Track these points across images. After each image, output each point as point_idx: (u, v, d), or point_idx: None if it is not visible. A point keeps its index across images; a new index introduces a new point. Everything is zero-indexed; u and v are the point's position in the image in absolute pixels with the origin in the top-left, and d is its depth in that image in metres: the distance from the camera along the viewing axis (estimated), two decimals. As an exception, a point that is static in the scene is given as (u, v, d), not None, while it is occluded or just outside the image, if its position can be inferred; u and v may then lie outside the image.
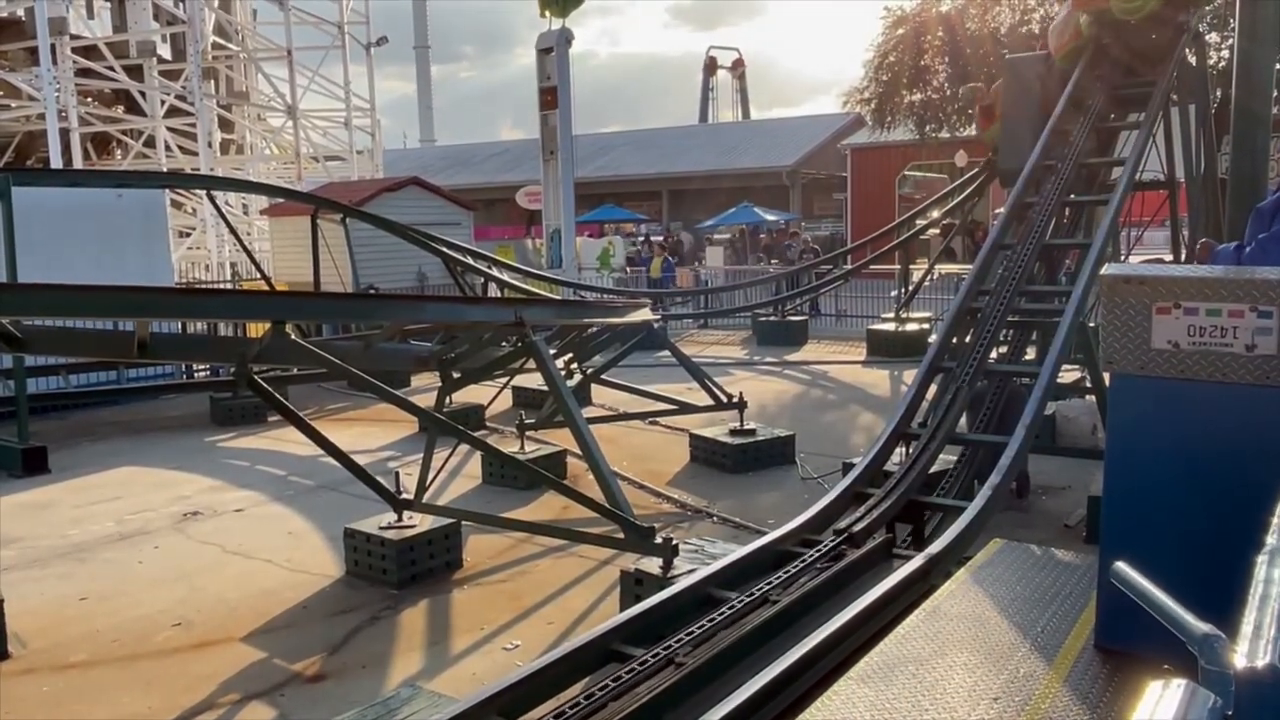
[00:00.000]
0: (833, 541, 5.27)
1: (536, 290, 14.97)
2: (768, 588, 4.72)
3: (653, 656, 4.01)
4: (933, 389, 7.03)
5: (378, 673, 5.14)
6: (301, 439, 8.22)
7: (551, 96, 20.40)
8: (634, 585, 5.49)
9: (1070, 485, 7.90)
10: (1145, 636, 2.26)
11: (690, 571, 5.18)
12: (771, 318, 17.86)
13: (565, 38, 20.23)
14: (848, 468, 6.83)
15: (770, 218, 33.42)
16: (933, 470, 6.24)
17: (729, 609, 4.48)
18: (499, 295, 13.88)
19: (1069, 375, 9.33)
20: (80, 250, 12.50)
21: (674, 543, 5.53)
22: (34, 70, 20.60)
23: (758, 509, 7.73)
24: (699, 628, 4.26)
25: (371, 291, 14.70)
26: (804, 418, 10.84)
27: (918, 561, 4.82)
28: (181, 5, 23.55)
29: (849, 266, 18.34)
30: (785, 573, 4.91)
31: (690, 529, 7.20)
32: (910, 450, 6.36)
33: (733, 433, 9.11)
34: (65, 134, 20.93)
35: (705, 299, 20.60)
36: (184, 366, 13.86)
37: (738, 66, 60.10)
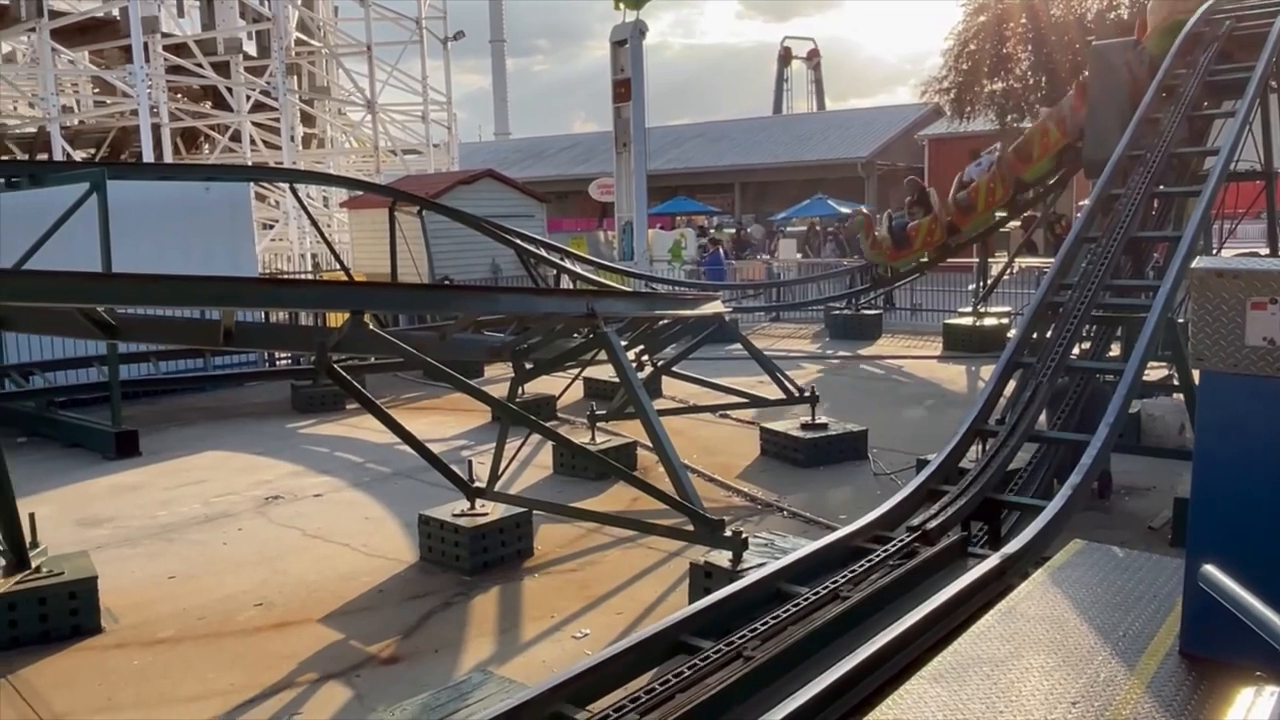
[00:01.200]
0: (905, 538, 5.19)
1: (608, 282, 15.02)
2: (838, 584, 4.67)
3: (721, 649, 4.01)
4: (1011, 385, 6.87)
5: (450, 657, 5.23)
6: (378, 427, 8.40)
7: (625, 89, 20.43)
8: (703, 578, 5.49)
9: (1155, 486, 7.66)
10: (1234, 643, 2.18)
11: (760, 565, 5.16)
12: (845, 311, 17.64)
13: (639, 30, 20.24)
14: (922, 464, 6.72)
15: (844, 210, 32.99)
16: (1010, 468, 6.10)
17: (798, 604, 4.45)
18: (571, 287, 13.97)
19: (1155, 372, 9.04)
20: (170, 241, 12.94)
21: (744, 536, 5.51)
22: (128, 68, 21.32)
23: (828, 504, 7.66)
24: (768, 622, 4.24)
25: (447, 283, 14.94)
26: (877, 413, 10.68)
27: (993, 561, 4.72)
28: (267, 3, 24.17)
29: (925, 259, 17.99)
30: (856, 569, 4.86)
31: (760, 523, 7.16)
32: (987, 447, 6.22)
33: (804, 427, 9.03)
34: (156, 129, 21.63)
35: (777, 292, 20.43)
36: (266, 355, 14.25)
37: (813, 57, 59.42)
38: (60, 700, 4.82)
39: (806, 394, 9.28)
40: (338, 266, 14.71)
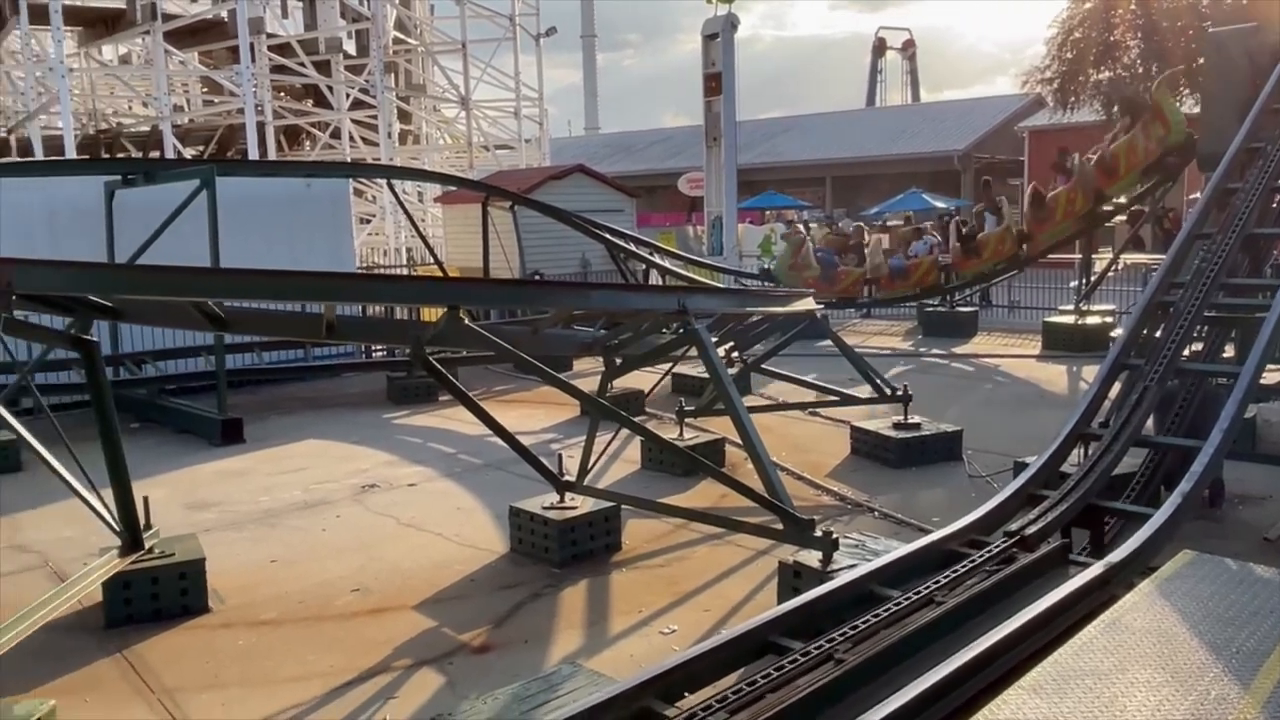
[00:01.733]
0: (1003, 543, 5.07)
1: (698, 278, 14.98)
2: (933, 588, 4.59)
3: (812, 651, 3.97)
4: (1116, 387, 6.63)
5: (539, 648, 5.29)
6: (469, 418, 8.53)
7: (716, 83, 20.31)
8: (792, 578, 5.44)
9: (1271, 495, 7.30)
10: (1365, 667, 2.06)
11: (851, 567, 5.09)
12: (939, 308, 17.26)
13: (731, 23, 20.09)
14: (1020, 467, 6.54)
15: (940, 204, 32.27)
16: (1115, 473, 5.89)
17: (891, 607, 4.38)
18: (660, 282, 13.99)
19: (1272, 376, 8.60)
20: (274, 236, 13.40)
21: (834, 536, 5.44)
22: (235, 68, 22.14)
23: (921, 506, 7.51)
24: (859, 625, 4.19)
25: (537, 277, 15.12)
26: (972, 413, 10.43)
27: (1096, 569, 4.58)
28: (366, 3, 24.81)
29: (1024, 254, 17.47)
30: (951, 573, 4.76)
31: (850, 523, 7.06)
32: (1090, 451, 6.02)
33: (896, 426, 8.87)
34: (261, 127, 22.41)
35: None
36: (362, 347, 14.64)
37: (908, 47, 58.22)
38: (170, 675, 5.04)
39: (899, 392, 9.11)
40: (432, 260, 15.01)
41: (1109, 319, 14.79)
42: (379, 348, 14.51)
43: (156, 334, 12.32)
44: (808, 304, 8.13)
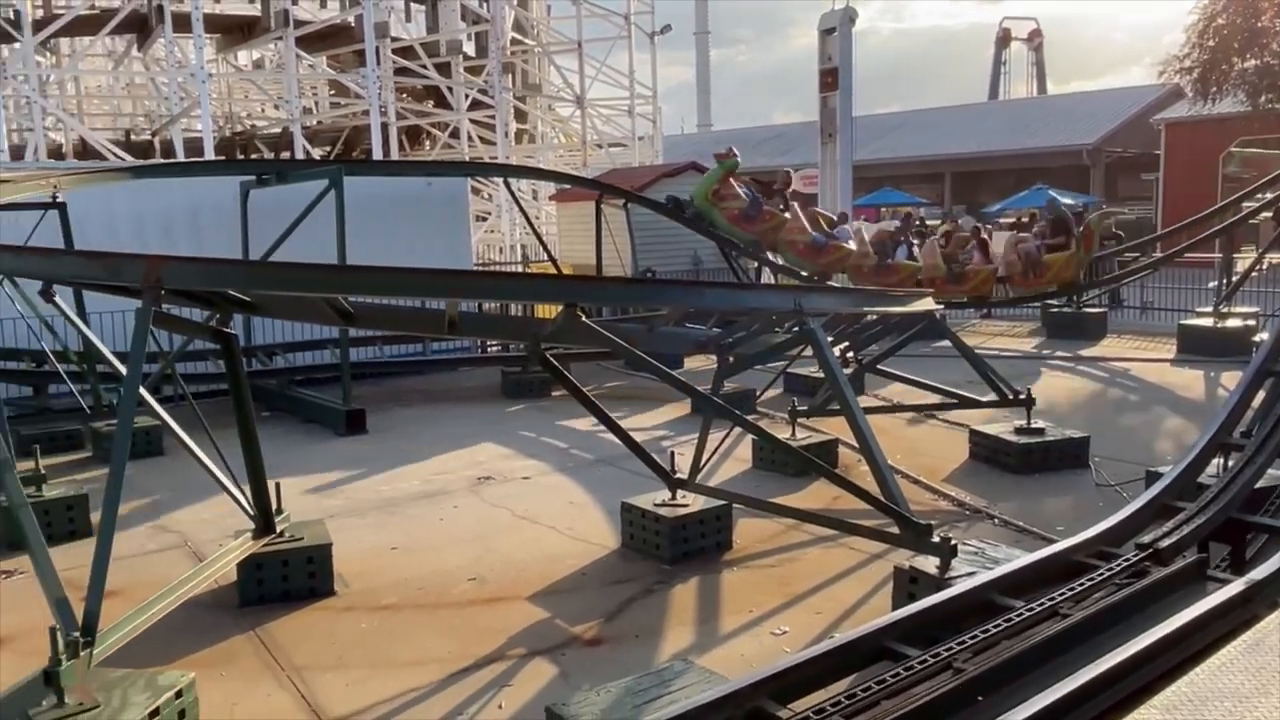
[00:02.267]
0: (1134, 556, 4.85)
1: (810, 276, 14.80)
2: (1057, 600, 4.43)
3: (929, 659, 3.88)
4: (1261, 395, 6.27)
5: (650, 643, 5.33)
6: (582, 414, 8.66)
7: (832, 78, 20.06)
8: (907, 583, 5.33)
9: None
10: None
11: (970, 574, 4.96)
12: (1065, 308, 16.60)
13: (849, 17, 19.80)
14: (1153, 477, 6.24)
15: (1067, 201, 31.02)
16: (1258, 486, 5.57)
17: (1013, 618, 4.25)
18: (773, 281, 13.89)
19: None
20: (396, 233, 13.84)
21: (952, 542, 5.31)
22: (361, 71, 22.93)
23: (1044, 514, 7.25)
24: (979, 635, 4.07)
25: (649, 274, 15.19)
26: (1100, 419, 10.01)
27: (1237, 586, 4.33)
28: (486, 5, 25.35)
29: (1159, 254, 16.66)
30: (1078, 585, 4.59)
31: (968, 530, 6.88)
32: (1230, 462, 5.71)
33: (1018, 431, 8.58)
34: (384, 127, 23.16)
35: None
36: (478, 342, 14.97)
37: (1034, 38, 56.23)
38: (299, 654, 5.27)
39: (1021, 396, 8.81)
40: (546, 258, 15.26)
41: (1252, 322, 13.95)
42: (494, 343, 14.83)
43: (285, 327, 12.88)
44: (926, 304, 7.93)
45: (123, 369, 5.36)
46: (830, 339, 7.28)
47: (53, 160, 19.69)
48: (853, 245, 14.54)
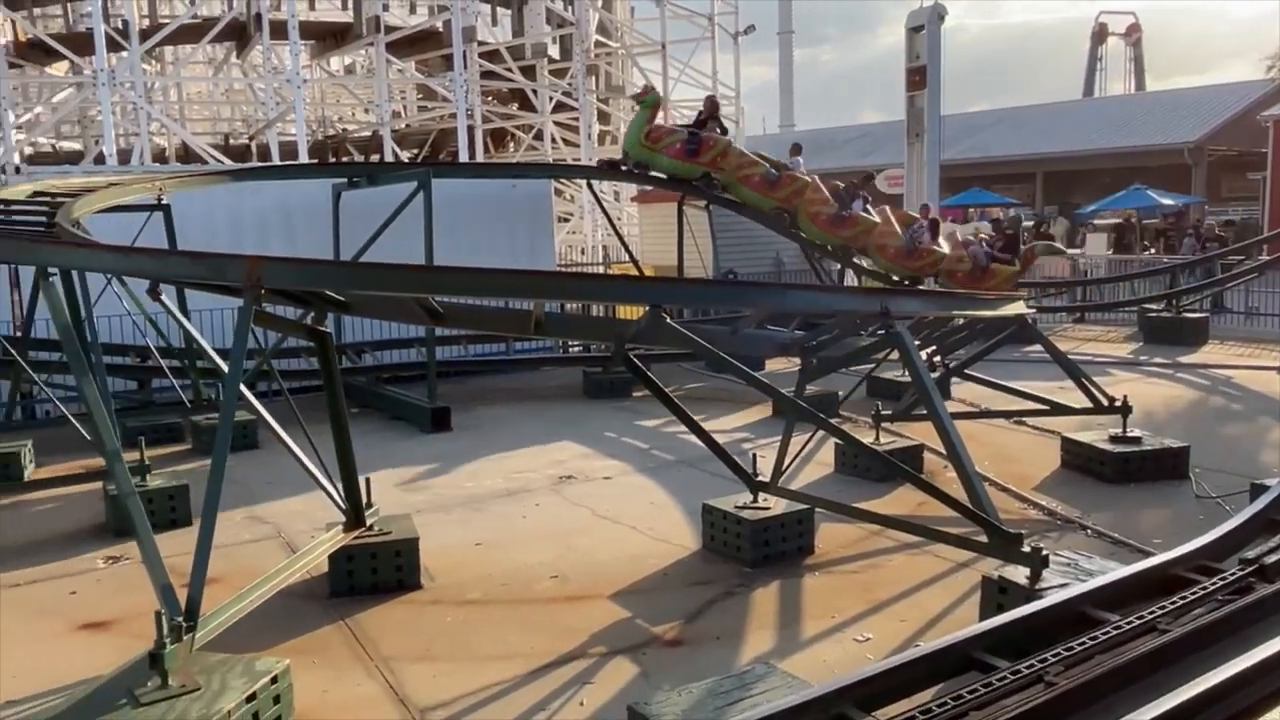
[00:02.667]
0: (1238, 572, 4.67)
1: (895, 278, 14.54)
2: (1155, 615, 4.29)
3: (1020, 671, 3.79)
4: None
5: (731, 645, 5.31)
6: (663, 414, 8.68)
7: (920, 76, 19.70)
8: (996, 593, 5.21)
9: None
10: None
11: (1062, 586, 4.83)
12: (1163, 313, 16.01)
13: (938, 14, 19.43)
14: (1259, 490, 5.99)
15: (1166, 201, 29.92)
16: (1375, 501, 5.30)
17: (1108, 632, 4.12)
18: (856, 283, 13.70)
19: None
20: (481, 234, 14.08)
21: (1043, 553, 5.17)
22: (448, 75, 23.35)
23: (1140, 526, 7.00)
24: (1073, 648, 3.96)
25: (730, 276, 15.15)
26: (1200, 428, 9.63)
27: (1351, 607, 4.13)
28: (571, 8, 25.58)
29: (1265, 257, 15.95)
30: (1176, 601, 4.43)
31: (1059, 540, 6.68)
32: (1344, 475, 5.44)
33: (1113, 439, 8.31)
34: (470, 130, 23.55)
35: (1083, 291, 18.92)
36: (560, 342, 15.12)
37: (1132, 32, 54.36)
38: (387, 645, 5.40)
39: (1117, 403, 8.53)
40: (627, 259, 15.33)
41: (1366, 328, 13.27)
42: (575, 343, 14.95)
43: (373, 326, 13.20)
44: (1017, 307, 7.74)
45: (224, 365, 5.56)
46: (916, 342, 7.16)
47: (157, 164, 20.53)
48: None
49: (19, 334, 9.59)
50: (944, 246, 13.55)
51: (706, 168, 13.46)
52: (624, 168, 13.95)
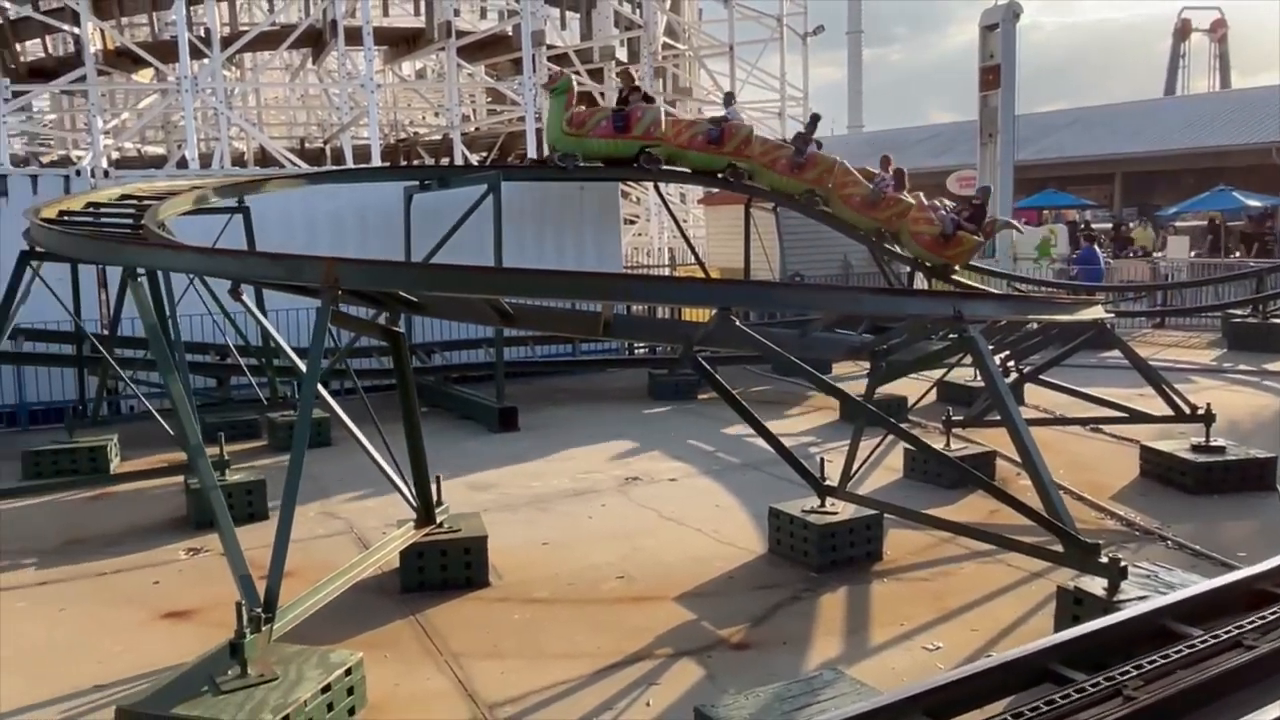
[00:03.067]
0: (1331, 588, 4.48)
1: (966, 282, 14.30)
2: (1242, 630, 4.14)
3: (1098, 683, 3.70)
4: None
5: (797, 650, 5.28)
6: (729, 417, 8.63)
7: (993, 75, 19.34)
8: (1072, 604, 5.10)
9: None
10: None
11: (1141, 598, 4.70)
12: (1249, 319, 15.46)
13: (1013, 12, 19.05)
14: (1352, 503, 5.75)
15: (1254, 202, 28.85)
16: None
17: (1190, 647, 3.99)
18: (926, 286, 13.50)
19: None
20: (549, 237, 14.21)
21: (1121, 563, 5.04)
22: (517, 79, 23.59)
23: (1224, 538, 6.78)
24: (1154, 661, 3.85)
25: (797, 278, 15.04)
26: (1288, 438, 9.28)
27: None
28: (639, 11, 25.65)
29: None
30: (1265, 616, 4.27)
31: (1138, 551, 6.50)
32: None
33: (1195, 448, 8.05)
34: (539, 133, 23.76)
35: (1164, 295, 18.36)
36: (625, 344, 15.17)
37: (1217, 29, 52.63)
38: (456, 641, 5.48)
39: (1199, 411, 8.27)
40: (693, 261, 15.31)
41: None
42: (641, 345, 14.99)
43: (441, 326, 13.39)
44: (1095, 312, 7.55)
45: (301, 364, 5.70)
46: (990, 347, 7.03)
47: (236, 167, 21.12)
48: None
49: (106, 332, 9.94)
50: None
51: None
52: (556, 162, 12.90)
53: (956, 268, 13.19)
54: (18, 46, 22.42)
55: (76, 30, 18.57)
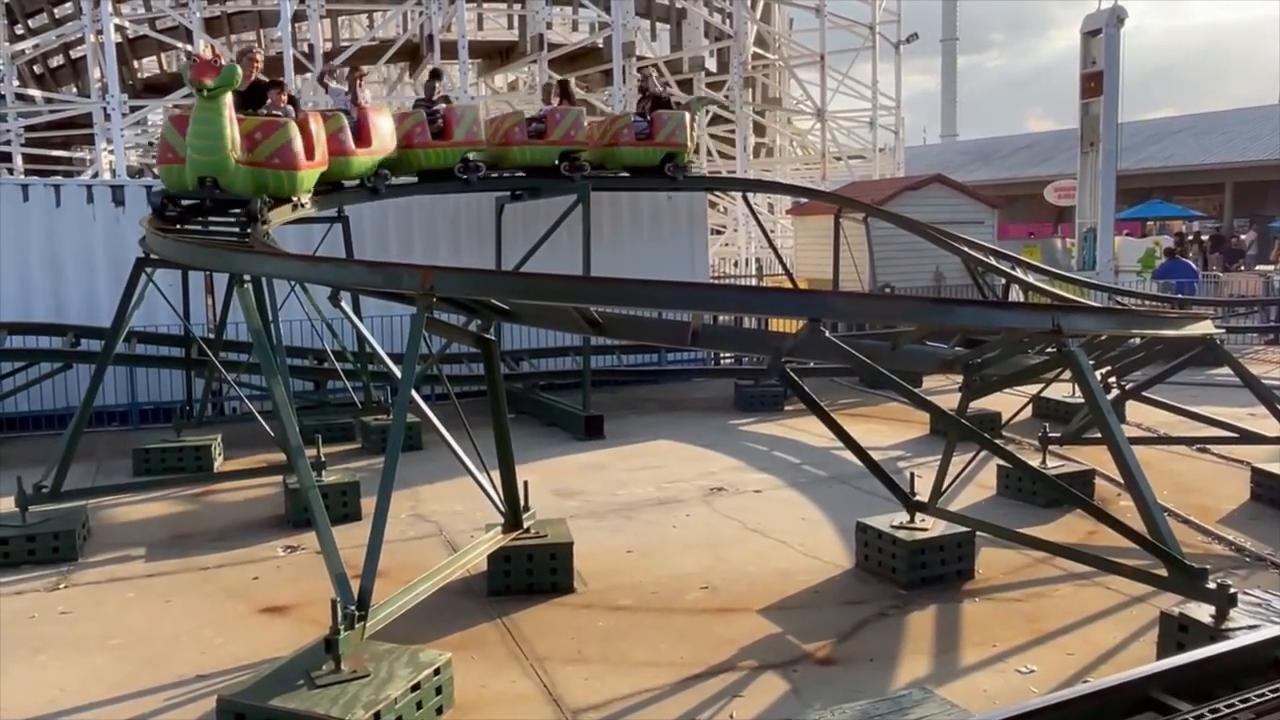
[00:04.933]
0: None
1: (1066, 295, 13.89)
2: (1363, 664, 3.92)
3: (1205, 714, 3.54)
4: None
5: (885, 668, 5.18)
6: (815, 429, 8.56)
7: (1095, 83, 18.77)
8: (1176, 631, 4.89)
9: None
10: None
11: (1253, 628, 4.48)
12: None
13: (1117, 16, 18.46)
14: None
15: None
16: None
17: (1308, 680, 3.79)
18: (1021, 299, 13.14)
19: None
20: (637, 246, 14.27)
21: (1231, 590, 4.81)
22: (607, 90, 23.83)
23: (1343, 567, 6.42)
24: (1265, 694, 3.67)
25: (888, 290, 14.80)
26: None
27: None
28: (729, 21, 25.64)
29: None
30: (1389, 651, 4.03)
31: (1248, 578, 6.21)
32: None
33: (1311, 471, 7.66)
34: (627, 143, 23.93)
35: (1278, 310, 17.52)
36: (711, 354, 15.12)
37: (1337, 31, 50.00)
38: (541, 645, 5.53)
39: (1316, 433, 7.86)
40: (781, 271, 15.20)
41: None
42: (727, 356, 14.93)
43: (529, 333, 13.57)
44: (1204, 327, 7.24)
45: (397, 370, 5.84)
46: (1090, 362, 6.81)
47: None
48: None
49: (213, 336, 10.36)
50: None
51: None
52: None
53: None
54: (135, 63, 23.54)
55: (190, 48, 19.40)
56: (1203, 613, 4.85)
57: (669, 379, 14.71)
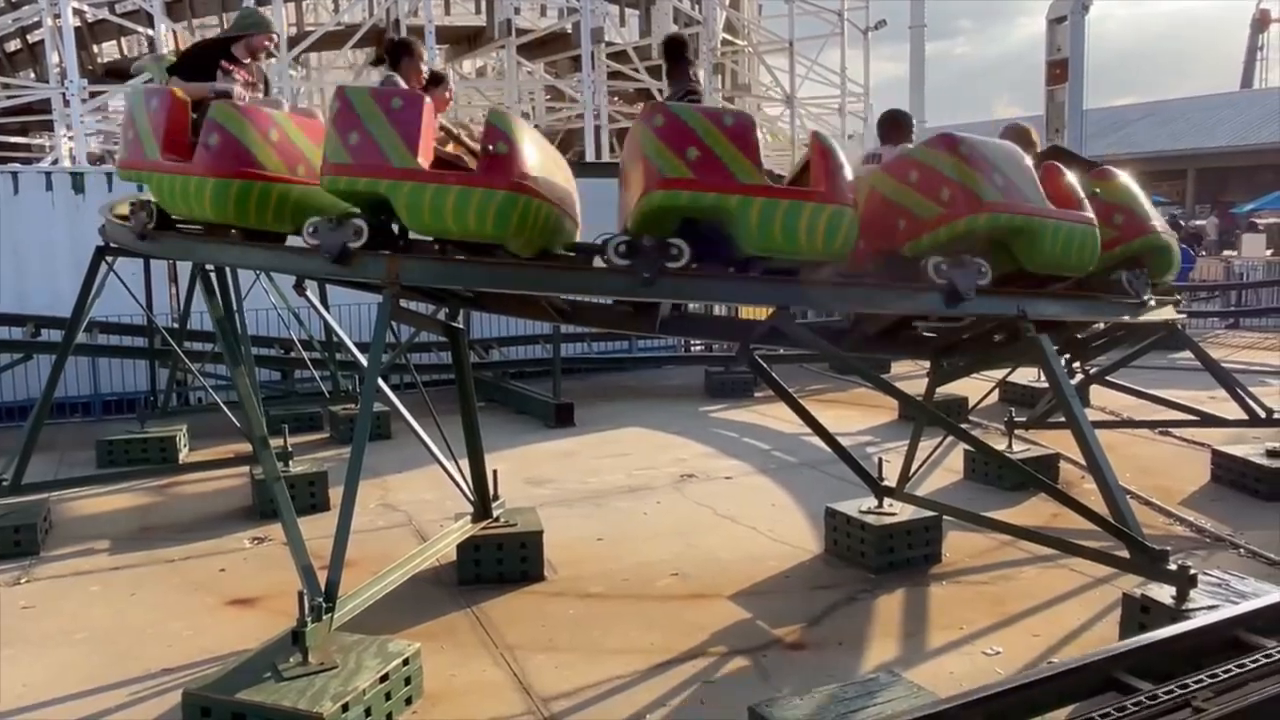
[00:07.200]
0: None
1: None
2: (1319, 642, 4.00)
3: (1165, 694, 3.60)
4: None
5: (853, 652, 5.22)
6: (785, 415, 8.59)
7: (1061, 69, 18.95)
8: (1138, 612, 4.97)
9: None
10: None
11: (1212, 608, 4.56)
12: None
13: (1081, 4, 18.63)
14: None
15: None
16: None
17: (1267, 657, 3.87)
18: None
19: None
20: (607, 232, 14.20)
21: (1191, 571, 4.89)
22: (576, 76, 23.72)
23: (1300, 546, 6.56)
24: (1228, 672, 3.74)
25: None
26: (1370, 444, 8.93)
27: None
28: (698, 7, 25.58)
29: None
30: (1344, 628, 4.12)
31: (1208, 559, 6.31)
32: None
33: (1270, 453, 7.80)
34: (597, 130, 23.84)
35: (1239, 295, 17.82)
36: (682, 341, 15.12)
37: (1297, 20, 50.78)
38: (511, 634, 5.52)
39: (1275, 415, 8.00)
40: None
41: None
42: (697, 343, 14.95)
43: (499, 322, 13.48)
44: (1166, 312, 7.34)
45: (363, 359, 5.78)
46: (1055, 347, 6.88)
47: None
48: None
49: (177, 325, 10.21)
50: None
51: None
52: None
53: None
54: (95, 48, 23.09)
55: (151, 32, 19.07)
56: (1164, 594, 4.93)
57: (639, 366, 14.71)
